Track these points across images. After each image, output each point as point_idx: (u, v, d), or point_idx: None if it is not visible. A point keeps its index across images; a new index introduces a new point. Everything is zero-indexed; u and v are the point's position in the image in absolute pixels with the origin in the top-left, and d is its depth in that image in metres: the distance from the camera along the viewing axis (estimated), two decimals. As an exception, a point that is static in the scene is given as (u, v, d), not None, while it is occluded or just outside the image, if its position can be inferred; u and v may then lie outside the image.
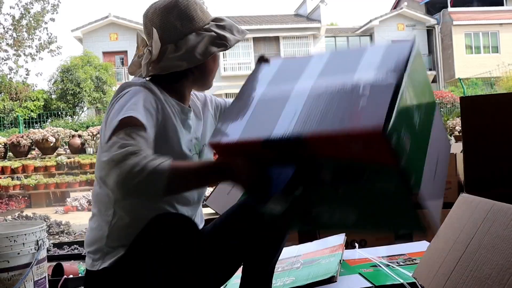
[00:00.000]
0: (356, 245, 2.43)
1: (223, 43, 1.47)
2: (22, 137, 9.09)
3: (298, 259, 2.22)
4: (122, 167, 1.19)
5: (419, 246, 2.33)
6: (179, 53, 1.45)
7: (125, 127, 1.28)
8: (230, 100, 1.72)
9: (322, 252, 2.19)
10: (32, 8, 15.45)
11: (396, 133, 1.07)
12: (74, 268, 2.71)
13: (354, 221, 1.31)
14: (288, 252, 2.35)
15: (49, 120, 16.80)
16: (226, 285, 1.98)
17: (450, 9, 25.74)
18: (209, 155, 1.64)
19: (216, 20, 1.53)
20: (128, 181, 1.19)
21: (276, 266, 1.81)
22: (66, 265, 2.67)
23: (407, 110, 1.15)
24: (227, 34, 1.49)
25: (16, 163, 8.77)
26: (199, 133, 1.61)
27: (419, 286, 1.59)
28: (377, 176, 1.14)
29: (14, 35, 15.33)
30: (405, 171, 1.11)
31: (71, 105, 18.79)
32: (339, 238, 2.27)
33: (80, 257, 3.39)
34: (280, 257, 1.77)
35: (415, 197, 1.18)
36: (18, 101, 17.79)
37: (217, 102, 1.77)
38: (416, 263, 2.03)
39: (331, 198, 1.26)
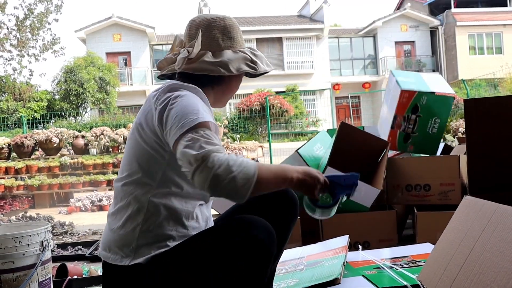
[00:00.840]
0: (360, 247, 2.43)
1: (254, 67, 1.61)
2: (25, 137, 9.11)
3: (301, 261, 2.22)
4: (211, 167, 1.28)
5: (423, 248, 2.33)
6: (215, 60, 1.56)
7: (201, 126, 1.37)
8: None
9: (325, 254, 2.19)
10: (36, 8, 15.48)
11: None
12: (78, 269, 2.71)
13: None
14: (292, 254, 2.35)
15: (53, 120, 16.84)
16: None
17: (453, 10, 25.70)
18: None
19: (251, 48, 1.68)
20: (219, 180, 1.28)
21: (279, 267, 1.81)
22: (70, 265, 2.68)
23: None
24: (259, 61, 1.64)
25: (19, 164, 8.79)
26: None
27: (423, 288, 1.59)
28: None
29: (18, 35, 15.36)
30: None
31: (74, 106, 18.83)
32: (343, 240, 2.26)
33: (83, 258, 3.39)
34: (283, 259, 1.77)
35: None
36: (21, 101, 17.83)
37: None
38: (420, 265, 2.03)
39: None
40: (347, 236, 2.30)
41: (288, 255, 2.33)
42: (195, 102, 1.44)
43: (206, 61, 1.55)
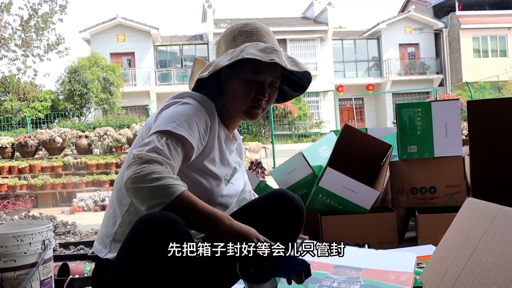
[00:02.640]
0: (366, 246, 2.42)
1: (233, 58, 1.42)
2: (29, 137, 9.14)
3: (358, 275, 1.86)
4: (142, 168, 1.23)
5: (425, 250, 2.32)
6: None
7: (170, 135, 1.34)
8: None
9: (386, 276, 1.79)
10: (40, 9, 15.51)
11: None
12: (80, 268, 2.71)
13: None
14: (351, 257, 1.93)
15: (56, 120, 16.89)
16: None
17: (457, 12, 25.65)
18: (239, 187, 1.68)
19: (254, 43, 1.49)
20: (138, 181, 1.22)
21: (332, 277, 1.69)
22: (72, 265, 2.68)
23: None
24: (246, 50, 1.44)
25: (23, 163, 8.82)
26: (237, 165, 1.65)
27: (424, 290, 1.58)
28: None
29: (23, 35, 15.39)
30: None
31: (78, 106, 18.89)
32: (409, 261, 1.79)
33: (86, 258, 3.39)
34: (341, 262, 1.66)
35: None
36: (25, 101, 17.90)
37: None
38: (422, 267, 2.02)
39: None
40: (415, 256, 1.87)
41: (347, 258, 1.88)
42: (188, 114, 1.40)
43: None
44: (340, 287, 1.75)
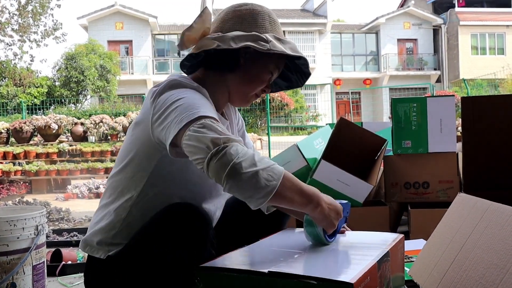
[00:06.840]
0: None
1: (263, 44, 1.34)
2: (24, 123, 9.11)
3: None
4: (233, 153, 1.10)
5: (416, 244, 2.34)
6: (217, 36, 1.37)
7: (212, 118, 1.20)
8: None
9: None
10: (38, -6, 15.40)
11: None
12: (73, 255, 2.72)
13: None
14: None
15: (52, 107, 16.82)
16: None
17: (457, 9, 25.64)
18: None
19: (278, 34, 1.43)
20: (242, 172, 1.09)
21: None
22: (65, 251, 2.69)
23: None
24: (276, 43, 1.36)
25: (18, 149, 8.79)
26: None
27: (415, 283, 1.60)
28: None
29: (20, 20, 15.29)
30: None
31: (74, 93, 18.82)
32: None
33: (78, 244, 3.40)
34: None
35: None
36: (22, 87, 17.81)
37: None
38: (413, 261, 2.04)
39: None
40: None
41: None
42: (199, 100, 1.29)
43: (208, 37, 1.37)
44: None
